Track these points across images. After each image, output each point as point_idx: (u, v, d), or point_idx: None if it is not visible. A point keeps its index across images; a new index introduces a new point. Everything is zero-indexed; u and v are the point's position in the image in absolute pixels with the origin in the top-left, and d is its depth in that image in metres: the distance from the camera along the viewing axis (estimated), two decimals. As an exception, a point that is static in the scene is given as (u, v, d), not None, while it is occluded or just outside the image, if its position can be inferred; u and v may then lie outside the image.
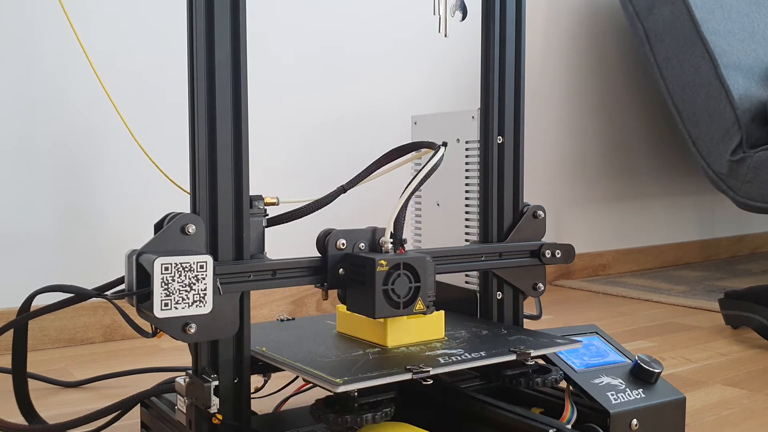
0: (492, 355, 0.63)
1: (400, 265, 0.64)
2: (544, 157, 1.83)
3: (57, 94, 1.15)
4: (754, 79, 1.58)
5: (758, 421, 0.81)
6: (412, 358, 0.61)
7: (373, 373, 0.56)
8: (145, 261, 0.55)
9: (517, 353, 0.63)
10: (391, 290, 0.63)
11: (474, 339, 0.68)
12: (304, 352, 0.64)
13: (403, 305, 0.64)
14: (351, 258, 0.66)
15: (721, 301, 1.24)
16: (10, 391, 0.67)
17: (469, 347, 0.65)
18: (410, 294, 0.64)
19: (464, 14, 0.76)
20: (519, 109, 0.80)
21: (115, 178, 1.21)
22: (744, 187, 1.47)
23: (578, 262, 1.87)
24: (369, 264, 0.63)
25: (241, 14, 0.61)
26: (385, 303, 0.63)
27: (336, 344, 0.67)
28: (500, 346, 0.65)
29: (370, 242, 0.67)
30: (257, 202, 0.64)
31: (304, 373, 0.58)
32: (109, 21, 1.19)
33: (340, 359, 0.61)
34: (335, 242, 0.66)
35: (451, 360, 0.61)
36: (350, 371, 0.57)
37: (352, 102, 1.47)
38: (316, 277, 0.66)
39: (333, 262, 0.66)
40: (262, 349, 0.65)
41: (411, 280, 0.64)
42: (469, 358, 0.61)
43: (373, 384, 0.55)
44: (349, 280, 0.66)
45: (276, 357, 0.62)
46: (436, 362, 0.60)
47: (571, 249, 0.80)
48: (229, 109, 0.61)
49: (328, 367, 0.59)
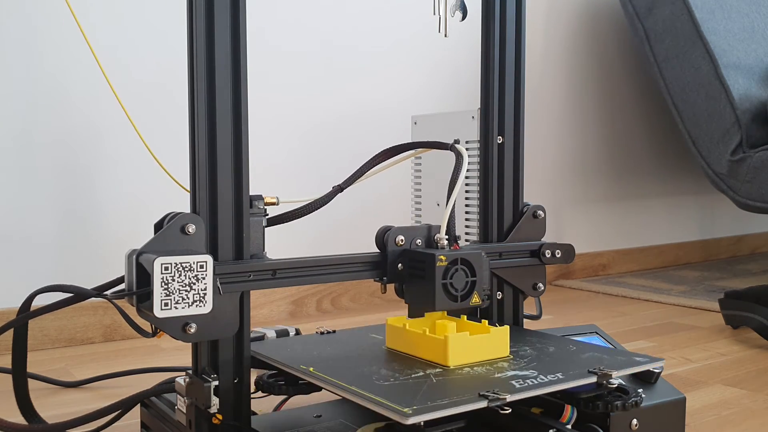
0: (570, 377, 0.58)
1: (458, 260, 0.66)
2: (544, 157, 1.83)
3: (57, 94, 1.15)
4: (754, 79, 1.58)
5: (758, 421, 0.81)
6: (481, 382, 0.57)
7: (444, 401, 0.51)
8: (145, 261, 0.56)
9: (598, 375, 0.59)
10: (450, 284, 0.66)
11: (543, 357, 0.64)
12: (357, 374, 0.59)
13: (461, 298, 0.66)
14: (410, 253, 0.68)
15: (721, 301, 1.24)
16: (10, 391, 0.67)
17: (541, 367, 0.61)
18: (467, 288, 0.67)
19: (464, 14, 0.76)
20: (519, 109, 0.80)
21: (114, 178, 1.21)
22: (744, 187, 1.47)
23: (578, 262, 1.87)
24: (429, 259, 0.66)
25: (241, 14, 0.61)
26: (444, 296, 0.65)
27: (390, 364, 0.62)
28: (575, 366, 0.61)
29: (426, 239, 0.70)
30: (257, 201, 0.64)
31: (364, 399, 0.53)
32: (109, 21, 1.19)
33: (400, 382, 0.56)
34: (394, 238, 0.69)
35: (527, 384, 0.56)
36: (416, 398, 0.52)
37: (352, 102, 1.47)
38: (376, 271, 0.68)
39: (392, 258, 0.69)
40: (309, 369, 0.60)
41: (468, 274, 0.67)
42: (546, 381, 0.57)
43: (446, 414, 0.51)
44: (408, 275, 0.68)
45: (328, 379, 0.57)
46: (510, 387, 0.55)
47: (571, 249, 0.80)
48: (229, 109, 0.61)
49: (389, 392, 0.53)
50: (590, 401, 0.61)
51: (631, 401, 0.61)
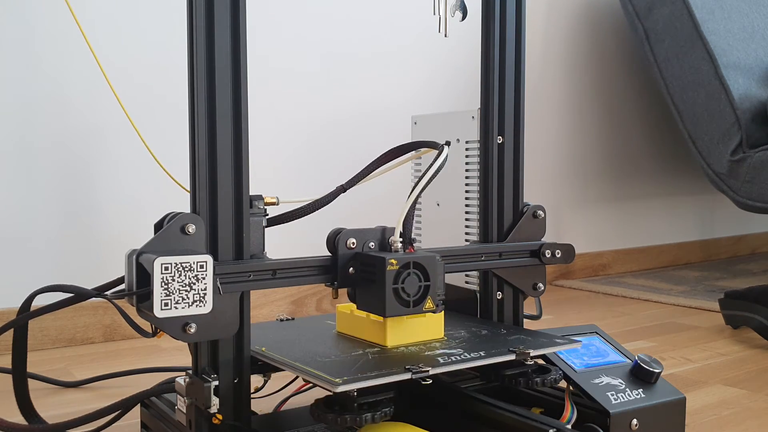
0: (491, 354, 0.63)
1: (410, 264, 0.64)
2: (544, 157, 1.83)
3: (56, 94, 1.15)
4: (754, 79, 1.58)
5: (758, 421, 0.81)
6: (411, 358, 0.62)
7: (373, 373, 0.56)
8: (145, 261, 0.56)
9: (516, 353, 0.63)
10: (401, 289, 0.64)
11: (473, 339, 0.68)
12: (303, 352, 0.64)
13: (413, 304, 0.64)
14: (361, 257, 0.66)
15: (721, 301, 1.24)
16: (10, 391, 0.67)
17: (469, 347, 0.65)
18: (420, 293, 0.65)
19: (464, 14, 0.76)
20: (519, 109, 0.80)
21: (114, 178, 1.21)
22: (744, 187, 1.47)
23: (578, 262, 1.87)
24: (379, 263, 0.63)
25: (241, 14, 0.61)
26: (395, 302, 0.63)
27: (336, 344, 0.67)
28: (499, 346, 0.65)
29: (379, 241, 0.68)
30: (257, 201, 0.64)
31: (303, 372, 0.58)
32: (109, 21, 1.19)
33: (340, 359, 0.61)
34: (345, 241, 0.66)
35: (451, 360, 0.61)
36: (350, 371, 0.57)
37: (352, 102, 1.47)
38: (327, 276, 0.66)
39: (343, 261, 0.66)
40: (261, 349, 0.65)
41: (421, 278, 0.65)
42: (469, 357, 0.62)
43: (373, 384, 0.55)
44: (359, 279, 0.66)
45: (275, 357, 0.62)
46: (435, 362, 0.60)
47: (571, 249, 0.80)
48: (229, 109, 0.61)
49: (327, 366, 0.59)
50: (513, 377, 0.66)
51: (550, 378, 0.66)
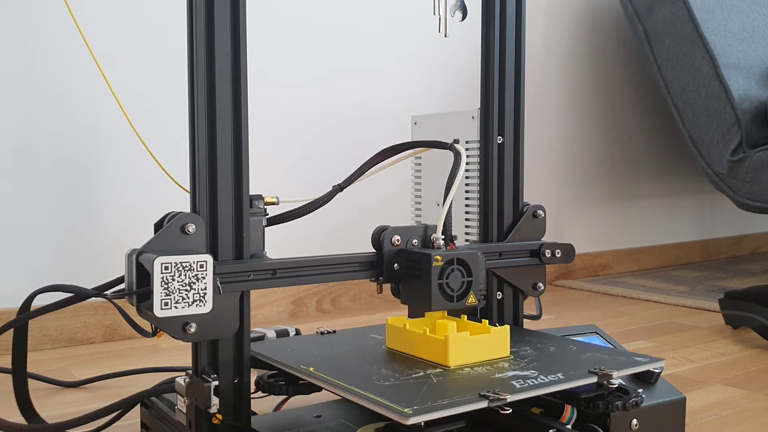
0: (570, 377, 0.58)
1: (454, 260, 0.66)
2: (544, 157, 1.83)
3: (57, 94, 1.15)
4: (754, 79, 1.58)
5: (758, 421, 0.81)
6: (481, 382, 0.57)
7: (444, 401, 0.51)
8: (145, 260, 0.55)
9: (598, 375, 0.59)
10: (446, 284, 0.66)
11: (543, 357, 0.64)
12: (357, 374, 0.59)
13: (456, 298, 0.66)
14: (406, 253, 0.68)
15: (721, 301, 1.24)
16: (10, 391, 0.67)
17: (542, 367, 0.61)
18: (463, 288, 0.67)
19: (464, 14, 0.76)
20: (519, 109, 0.80)
21: (114, 178, 1.21)
22: (744, 187, 1.47)
23: (578, 261, 1.87)
24: (425, 259, 0.65)
25: (241, 14, 0.61)
26: (440, 296, 0.65)
27: (390, 364, 0.62)
28: (576, 366, 0.61)
29: (422, 239, 0.70)
30: (257, 201, 0.64)
31: (364, 400, 0.53)
32: (108, 21, 1.19)
33: (401, 383, 0.56)
34: (390, 238, 0.68)
35: (527, 384, 0.56)
36: (416, 398, 0.52)
37: (352, 102, 1.47)
38: (372, 271, 0.68)
39: (388, 258, 0.68)
40: (309, 369, 0.60)
41: (464, 274, 0.67)
42: (547, 381, 0.57)
43: (446, 414, 0.51)
44: (404, 275, 0.68)
45: (328, 380, 0.58)
46: (511, 387, 0.55)
47: (571, 248, 0.80)
48: (229, 109, 0.61)
49: (389, 392, 0.54)
50: (591, 401, 0.61)
51: (631, 401, 0.61)
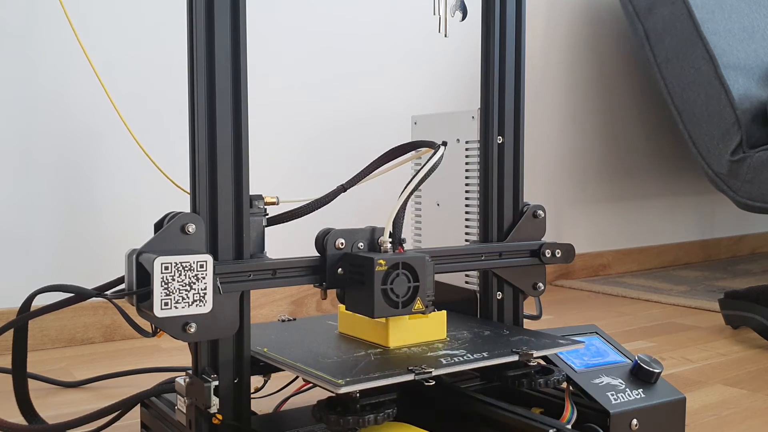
0: (494, 356, 0.63)
1: (399, 265, 0.64)
2: (544, 157, 1.83)
3: (57, 95, 1.15)
4: (754, 79, 1.58)
5: (758, 421, 0.81)
6: (414, 359, 0.61)
7: (375, 374, 0.56)
8: (145, 260, 0.55)
9: (520, 354, 0.63)
10: (390, 290, 0.63)
11: (476, 339, 0.68)
12: (305, 353, 0.64)
13: (402, 305, 0.64)
14: (350, 257, 0.65)
15: (721, 301, 1.24)
16: (10, 391, 0.67)
17: (472, 348, 0.65)
18: (409, 293, 0.64)
19: (464, 14, 0.76)
20: (519, 109, 0.80)
21: (114, 178, 1.21)
22: (744, 187, 1.47)
23: (578, 262, 1.87)
24: (368, 263, 0.63)
25: (241, 14, 0.61)
26: (384, 302, 0.63)
27: (337, 345, 0.67)
28: (502, 347, 0.65)
29: (369, 242, 0.67)
30: (257, 201, 0.64)
31: (305, 373, 0.58)
32: (107, 21, 1.19)
33: (342, 360, 0.61)
34: (334, 241, 0.66)
35: (453, 361, 0.60)
36: (352, 372, 0.57)
37: (353, 102, 1.47)
38: (315, 276, 0.65)
39: (332, 262, 0.65)
40: (263, 350, 0.64)
41: (410, 279, 0.64)
42: (471, 359, 0.61)
43: (375, 385, 0.55)
44: (348, 280, 0.66)
45: (277, 357, 0.62)
46: (438, 363, 0.60)
47: (571, 248, 0.80)
48: (229, 109, 0.61)
49: (329, 367, 0.58)
50: (516, 378, 0.66)
51: (553, 379, 0.66)
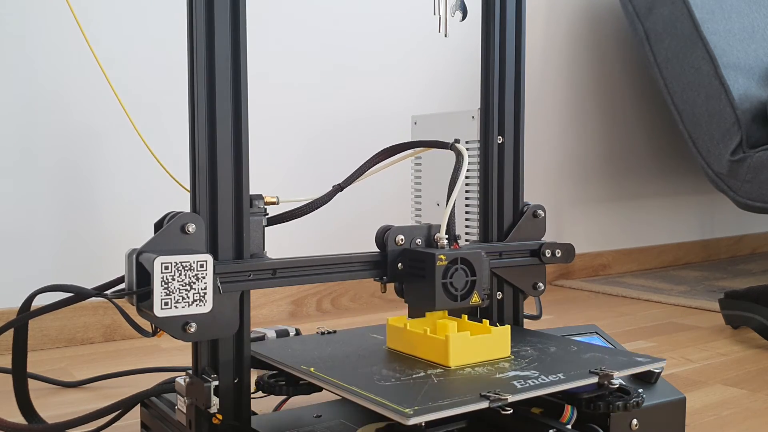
0: (571, 378, 0.58)
1: (458, 260, 0.66)
2: (544, 157, 1.83)
3: (56, 95, 1.15)
4: (754, 79, 1.58)
5: (758, 421, 0.81)
6: (482, 382, 0.57)
7: (445, 401, 0.52)
8: (145, 260, 0.55)
9: (599, 375, 0.59)
10: (449, 283, 0.66)
11: (544, 358, 0.64)
12: (358, 374, 0.59)
13: (460, 297, 0.66)
14: (410, 253, 0.68)
15: (721, 301, 1.24)
16: (10, 391, 0.67)
17: (542, 368, 0.61)
18: (467, 287, 0.67)
19: (464, 14, 0.76)
20: (519, 109, 0.80)
21: (114, 178, 1.21)
22: (744, 187, 1.47)
23: (578, 261, 1.87)
24: (429, 258, 0.65)
25: (241, 14, 0.61)
26: (444, 295, 0.65)
27: (391, 364, 0.62)
28: (577, 367, 0.61)
29: (426, 238, 0.70)
30: (257, 201, 0.64)
31: (365, 400, 0.53)
32: (107, 21, 1.19)
33: (402, 383, 0.56)
34: (394, 238, 0.69)
35: (528, 384, 0.56)
36: (417, 398, 0.52)
37: (353, 102, 1.47)
38: (376, 271, 0.68)
39: (392, 257, 0.68)
40: (310, 369, 0.60)
41: (468, 273, 0.67)
42: (548, 381, 0.57)
43: (447, 414, 0.51)
44: (407, 275, 0.68)
45: (329, 380, 0.58)
46: (511, 387, 0.55)
47: (571, 248, 0.80)
48: (229, 109, 0.61)
49: (389, 393, 0.54)
50: (591, 401, 0.61)
51: (632, 401, 0.61)
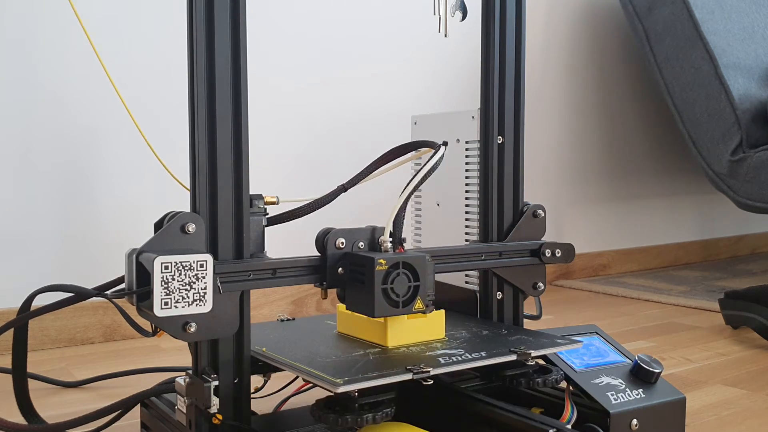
0: (492, 355, 0.63)
1: (399, 264, 0.64)
2: (544, 157, 1.83)
3: (56, 95, 1.15)
4: (754, 79, 1.58)
5: (758, 421, 0.81)
6: (412, 358, 0.62)
7: (374, 374, 0.56)
8: (145, 260, 0.55)
9: (518, 353, 0.63)
10: (390, 289, 0.63)
11: (474, 339, 0.68)
12: (304, 353, 0.64)
13: (402, 304, 0.64)
14: (350, 257, 0.65)
15: (721, 301, 1.24)
16: (10, 391, 0.67)
17: (470, 347, 0.65)
18: (409, 293, 0.64)
19: (464, 14, 0.76)
20: (519, 109, 0.80)
21: (114, 178, 1.21)
22: (744, 187, 1.47)
23: (578, 262, 1.87)
24: (368, 263, 0.63)
25: (241, 15, 0.61)
26: (384, 302, 0.63)
27: (336, 344, 0.67)
28: (500, 347, 0.65)
29: (369, 241, 0.67)
30: (257, 201, 0.64)
31: (304, 373, 0.58)
32: (107, 20, 1.19)
33: (341, 359, 0.61)
34: (334, 241, 0.66)
35: (452, 360, 0.61)
36: (350, 371, 0.57)
37: (353, 102, 1.47)
38: (316, 276, 0.65)
39: (332, 261, 0.66)
40: (262, 349, 0.65)
41: (410, 279, 0.64)
42: (470, 358, 0.61)
43: (374, 384, 0.55)
44: (348, 279, 0.66)
45: (276, 357, 0.62)
46: (436, 362, 0.60)
47: (571, 248, 0.80)
48: (229, 108, 0.61)
49: (328, 367, 0.59)
50: (514, 378, 0.66)
51: (551, 378, 0.66)
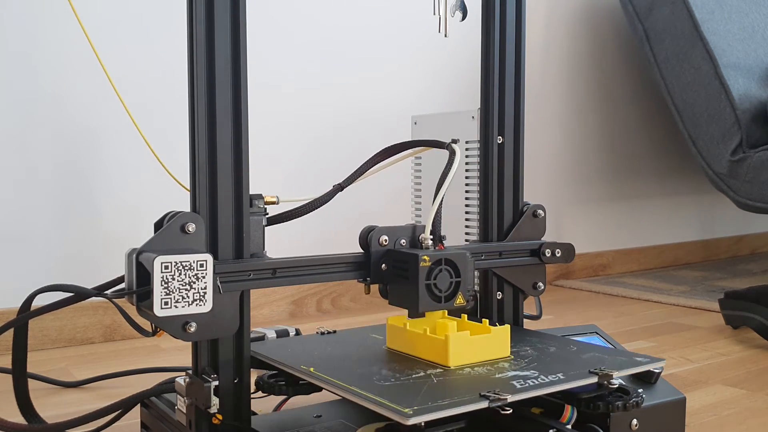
0: (571, 378, 0.58)
1: (441, 261, 0.65)
2: (544, 157, 1.83)
3: (56, 95, 1.15)
4: (754, 79, 1.58)
5: (758, 421, 0.81)
6: (482, 382, 0.57)
7: (444, 401, 0.52)
8: (145, 260, 0.55)
9: (599, 375, 0.59)
10: (433, 285, 0.65)
11: (544, 358, 0.64)
12: (358, 374, 0.59)
13: (444, 299, 0.65)
14: (394, 254, 0.67)
15: (721, 301, 1.24)
16: (10, 391, 0.67)
17: (542, 368, 0.61)
18: (451, 288, 0.66)
19: (464, 14, 0.76)
20: (519, 109, 0.80)
21: (114, 178, 1.21)
22: (744, 187, 1.47)
23: (578, 261, 1.87)
24: (412, 260, 0.64)
25: (241, 15, 0.61)
26: (428, 297, 0.64)
27: (391, 364, 0.63)
28: (576, 367, 0.61)
29: (410, 239, 0.69)
30: (257, 200, 0.64)
31: (365, 400, 0.53)
32: (107, 20, 1.19)
33: (402, 383, 0.56)
34: (378, 238, 0.68)
35: (528, 384, 0.56)
36: (417, 399, 0.52)
37: (353, 102, 1.47)
38: (360, 272, 0.67)
39: (376, 258, 0.67)
40: (309, 369, 0.61)
41: (452, 275, 0.66)
42: (547, 381, 0.57)
43: (446, 414, 0.51)
44: (391, 276, 0.67)
45: (329, 380, 0.58)
46: (511, 387, 0.55)
47: (571, 248, 0.80)
48: (229, 108, 0.61)
49: (390, 393, 0.54)
50: (591, 401, 0.61)
51: (632, 401, 0.61)
